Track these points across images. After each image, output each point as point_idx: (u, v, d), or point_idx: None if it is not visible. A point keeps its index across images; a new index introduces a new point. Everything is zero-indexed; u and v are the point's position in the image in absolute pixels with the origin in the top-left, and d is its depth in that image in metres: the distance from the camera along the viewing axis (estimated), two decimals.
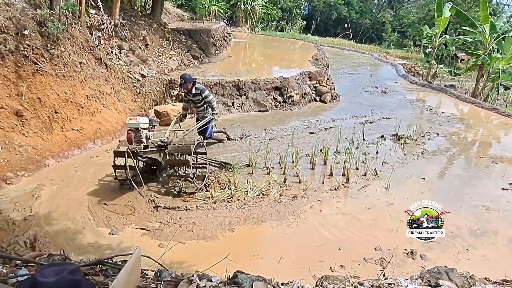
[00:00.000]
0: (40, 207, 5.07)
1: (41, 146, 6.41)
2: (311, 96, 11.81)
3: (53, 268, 1.24)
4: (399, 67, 18.97)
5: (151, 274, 1.99)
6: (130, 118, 5.53)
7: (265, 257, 4.30)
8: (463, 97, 13.60)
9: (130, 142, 5.40)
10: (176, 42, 14.03)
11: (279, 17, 30.96)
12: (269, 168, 6.52)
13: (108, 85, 8.50)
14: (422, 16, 30.65)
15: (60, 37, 7.25)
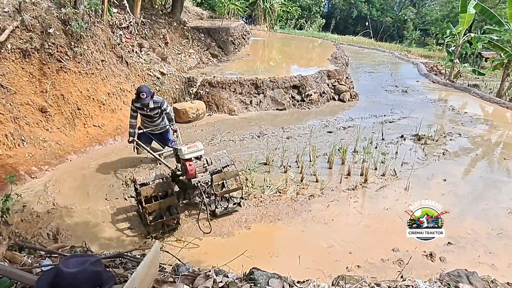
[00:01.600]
0: (62, 201, 5.21)
1: (64, 142, 6.59)
2: (329, 95, 11.71)
3: (76, 259, 1.29)
4: (420, 66, 18.57)
5: (169, 268, 2.03)
6: (189, 147, 4.74)
7: (280, 255, 4.32)
8: (487, 97, 13.22)
9: (193, 175, 4.63)
10: (195, 41, 14.14)
11: (298, 15, 30.75)
12: (286, 166, 6.51)
13: (129, 83, 8.65)
14: (446, 13, 29.91)
15: (83, 35, 7.42)
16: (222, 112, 9.81)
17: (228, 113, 9.77)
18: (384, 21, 37.15)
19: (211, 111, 9.80)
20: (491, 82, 16.20)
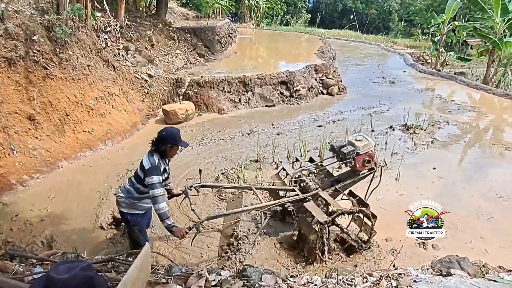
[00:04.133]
0: (55, 208, 5.19)
1: (54, 149, 6.54)
2: (318, 89, 11.77)
3: (66, 265, 1.30)
4: (406, 56, 18.75)
5: (162, 269, 2.05)
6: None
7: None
8: (473, 84, 13.39)
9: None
10: (182, 41, 14.10)
11: (284, 11, 30.78)
12: (277, 162, 6.55)
13: (117, 86, 8.61)
14: (429, 3, 30.14)
15: (68, 41, 7.36)
16: (211, 111, 9.81)
17: (217, 112, 9.77)
18: (369, 13, 37.28)
19: (201, 111, 9.79)
20: (477, 69, 16.40)
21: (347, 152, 4.19)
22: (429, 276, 2.59)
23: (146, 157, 3.53)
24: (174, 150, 3.69)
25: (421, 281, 2.45)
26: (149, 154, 3.55)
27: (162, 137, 3.52)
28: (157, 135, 3.56)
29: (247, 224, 4.62)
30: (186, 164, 6.63)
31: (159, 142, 3.52)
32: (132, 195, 3.58)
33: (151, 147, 3.59)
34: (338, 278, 2.41)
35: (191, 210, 3.70)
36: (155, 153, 3.54)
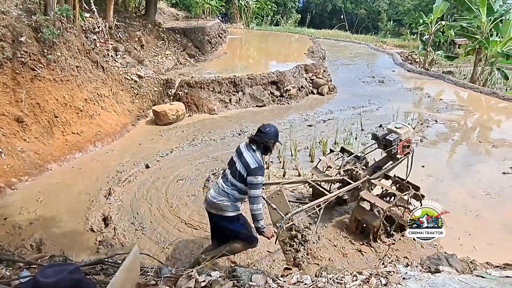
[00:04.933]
0: (44, 211, 5.14)
1: (43, 151, 6.47)
2: (308, 89, 11.82)
3: (53, 269, 1.29)
4: (395, 56, 18.91)
5: (152, 271, 2.05)
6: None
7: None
8: (461, 83, 13.57)
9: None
10: (172, 42, 14.05)
11: (274, 11, 30.82)
12: (268, 162, 6.57)
13: (106, 88, 8.55)
14: (417, 3, 30.43)
15: (56, 42, 7.29)
16: (202, 112, 9.79)
17: (208, 113, 9.75)
18: (359, 13, 37.48)
19: (191, 111, 9.76)
20: (465, 68, 16.63)
21: (393, 139, 4.55)
22: (418, 273, 2.62)
23: (249, 155, 3.31)
24: (274, 146, 3.53)
25: (410, 278, 2.47)
26: (251, 152, 3.34)
27: (268, 133, 3.38)
28: (259, 131, 3.42)
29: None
30: (177, 165, 6.61)
31: (266, 138, 3.35)
32: (233, 196, 3.37)
33: (250, 143, 3.40)
34: (328, 277, 2.42)
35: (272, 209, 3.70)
36: (257, 150, 3.37)
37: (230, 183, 3.35)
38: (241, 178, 3.28)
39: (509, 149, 7.49)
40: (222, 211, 3.38)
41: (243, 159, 3.29)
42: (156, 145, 7.60)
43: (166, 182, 6.01)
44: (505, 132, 8.58)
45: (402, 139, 4.63)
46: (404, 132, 4.63)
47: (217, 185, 3.43)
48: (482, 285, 2.27)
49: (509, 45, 12.76)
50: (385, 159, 5.00)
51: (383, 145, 4.72)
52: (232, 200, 3.36)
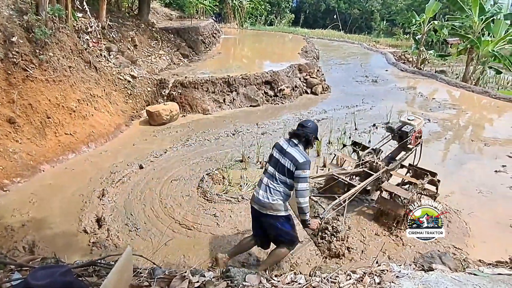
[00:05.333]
0: (37, 213, 5.10)
1: (35, 152, 6.42)
2: (302, 89, 11.85)
3: (44, 271, 1.28)
4: (389, 56, 19.01)
5: (145, 272, 2.04)
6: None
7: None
8: (453, 82, 13.68)
9: None
10: (165, 42, 14.00)
11: (268, 11, 30.84)
12: (262, 162, 6.57)
13: (99, 88, 8.50)
14: (410, 3, 30.62)
15: (48, 42, 7.23)
16: (196, 112, 9.77)
17: (202, 113, 9.73)
18: (352, 13, 37.63)
19: (185, 111, 9.73)
20: (457, 67, 16.76)
21: (409, 131, 4.90)
22: (412, 271, 2.63)
23: (295, 150, 3.36)
24: (314, 141, 3.62)
25: (404, 276, 2.49)
26: (296, 147, 3.40)
27: (310, 127, 3.49)
28: (300, 126, 3.51)
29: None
30: (171, 166, 6.59)
31: (308, 133, 3.44)
32: (284, 193, 3.43)
33: (290, 139, 3.47)
34: (322, 276, 2.43)
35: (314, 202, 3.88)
36: (299, 145, 3.43)
37: (279, 180, 3.39)
38: (289, 174, 3.33)
39: (501, 148, 7.56)
40: (275, 211, 3.41)
41: (289, 155, 3.34)
42: (150, 145, 7.57)
43: (160, 182, 5.99)
44: (497, 131, 8.67)
45: (415, 130, 4.99)
46: (417, 124, 5.04)
47: (264, 185, 3.45)
48: (474, 283, 2.29)
49: (500, 45, 12.89)
50: (398, 150, 5.33)
51: (398, 137, 5.08)
52: (284, 197, 3.42)
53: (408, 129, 4.92)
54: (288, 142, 3.45)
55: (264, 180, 3.47)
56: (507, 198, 5.60)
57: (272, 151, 3.56)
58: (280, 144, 3.49)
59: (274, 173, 3.42)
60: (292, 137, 3.46)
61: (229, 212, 5.09)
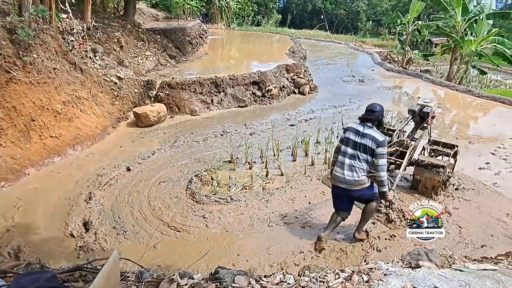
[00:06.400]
0: (22, 217, 5.01)
1: (20, 156, 6.31)
2: (289, 89, 11.89)
3: (29, 277, 1.26)
4: (375, 55, 19.21)
5: (133, 276, 2.02)
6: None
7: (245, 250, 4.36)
8: (438, 81, 13.89)
9: None
10: (152, 42, 13.90)
11: (255, 11, 30.88)
12: (250, 163, 6.58)
13: (85, 90, 8.39)
14: (395, 3, 31.04)
15: (31, 43, 7.11)
16: (183, 113, 9.72)
17: (190, 114, 9.70)
18: (338, 13, 37.96)
19: (173, 113, 9.68)
20: (441, 66, 17.01)
21: (428, 112, 5.46)
22: (399, 269, 2.65)
23: (373, 131, 3.86)
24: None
25: (391, 274, 2.50)
26: (372, 129, 3.88)
27: (379, 110, 4.00)
28: (371, 111, 3.97)
29: None
30: (159, 167, 6.55)
31: (378, 115, 3.96)
32: (366, 169, 3.93)
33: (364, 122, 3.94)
34: (310, 276, 2.43)
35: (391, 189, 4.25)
36: (374, 126, 3.92)
37: (361, 159, 3.89)
38: (370, 152, 3.83)
39: (484, 145, 7.70)
40: (362, 185, 3.94)
41: (369, 135, 3.83)
42: (137, 147, 7.51)
43: (148, 184, 5.95)
44: (481, 129, 8.83)
45: (433, 111, 5.56)
46: (434, 105, 5.61)
47: (348, 165, 3.93)
48: (460, 279, 2.32)
49: (483, 44, 13.13)
50: (415, 129, 5.81)
51: (419, 118, 5.61)
52: (366, 173, 3.94)
53: (428, 110, 5.48)
54: (363, 125, 3.93)
55: (346, 162, 3.94)
56: (490, 195, 5.70)
57: (345, 135, 4.01)
58: (354, 128, 3.95)
59: (356, 153, 3.90)
60: (365, 121, 3.94)
61: (218, 213, 5.08)
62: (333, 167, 4.13)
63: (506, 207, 5.29)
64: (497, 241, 4.48)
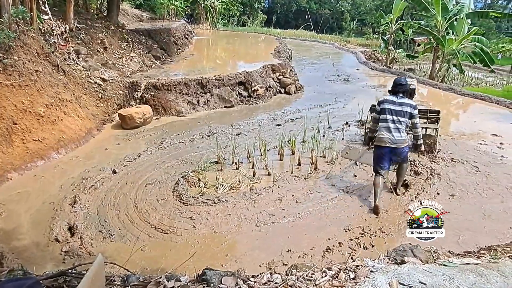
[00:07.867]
0: (5, 223, 4.91)
1: (2, 160, 6.18)
2: (275, 89, 11.92)
3: (11, 284, 1.24)
4: (359, 55, 19.41)
5: (119, 279, 2.00)
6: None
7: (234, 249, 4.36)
8: (421, 80, 14.09)
9: None
10: (136, 43, 13.78)
11: (240, 12, 30.88)
12: (237, 163, 6.57)
13: (68, 92, 8.26)
14: (379, 3, 31.41)
15: (12, 45, 6.99)
16: (169, 114, 9.66)
17: (176, 115, 9.64)
18: (323, 13, 38.24)
19: (159, 114, 9.61)
20: (424, 65, 17.27)
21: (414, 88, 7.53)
22: (385, 265, 2.68)
23: (406, 100, 4.97)
24: None
25: (377, 271, 2.53)
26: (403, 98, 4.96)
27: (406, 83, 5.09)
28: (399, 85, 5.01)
29: None
30: (145, 169, 6.49)
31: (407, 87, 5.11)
32: (405, 130, 5.00)
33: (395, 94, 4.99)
34: (298, 275, 2.45)
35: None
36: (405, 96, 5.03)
37: (402, 122, 4.91)
38: (409, 115, 4.92)
39: (467, 142, 7.84)
40: (404, 144, 4.98)
41: (405, 103, 4.92)
42: (123, 149, 7.43)
43: (135, 187, 5.89)
44: (463, 126, 8.99)
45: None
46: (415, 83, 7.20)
47: (394, 129, 4.91)
48: (444, 273, 2.36)
49: (464, 43, 13.37)
50: None
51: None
52: (405, 133, 5.02)
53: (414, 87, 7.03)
54: (396, 96, 4.97)
55: (391, 126, 4.91)
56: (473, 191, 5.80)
57: (382, 105, 5.00)
58: (390, 99, 4.97)
59: (397, 119, 4.90)
60: (396, 93, 4.98)
61: (205, 215, 5.06)
62: (372, 134, 5.29)
63: None
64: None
